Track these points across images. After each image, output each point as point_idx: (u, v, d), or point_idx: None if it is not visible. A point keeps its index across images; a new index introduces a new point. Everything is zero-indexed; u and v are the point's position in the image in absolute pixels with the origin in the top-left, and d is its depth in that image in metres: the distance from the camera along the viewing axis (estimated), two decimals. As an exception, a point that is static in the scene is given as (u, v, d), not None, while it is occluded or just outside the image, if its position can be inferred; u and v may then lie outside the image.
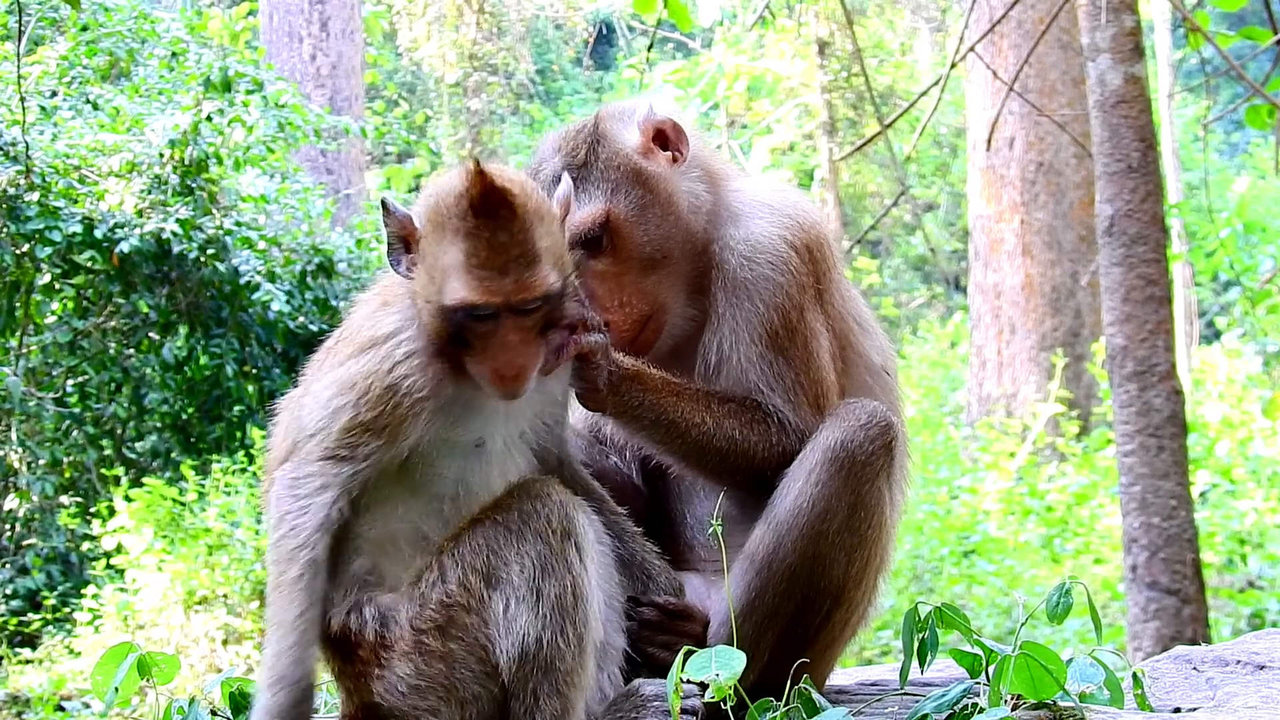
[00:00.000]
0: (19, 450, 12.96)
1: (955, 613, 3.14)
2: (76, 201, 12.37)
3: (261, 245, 12.98)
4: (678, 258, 3.43)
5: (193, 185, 12.69)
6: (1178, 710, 3.15)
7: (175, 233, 12.35)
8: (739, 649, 2.94)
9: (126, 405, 13.35)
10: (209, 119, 12.56)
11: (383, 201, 3.01)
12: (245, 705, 3.52)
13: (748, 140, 27.03)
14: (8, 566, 12.92)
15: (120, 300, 13.17)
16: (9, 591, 12.64)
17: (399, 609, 2.96)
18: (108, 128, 12.89)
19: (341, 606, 2.97)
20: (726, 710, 2.92)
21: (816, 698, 3.06)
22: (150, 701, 3.47)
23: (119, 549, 11.85)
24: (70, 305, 13.35)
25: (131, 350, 13.36)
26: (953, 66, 9.25)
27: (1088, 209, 15.51)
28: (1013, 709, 2.89)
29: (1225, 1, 8.89)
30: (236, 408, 13.20)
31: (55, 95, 13.48)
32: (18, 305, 12.75)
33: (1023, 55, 12.57)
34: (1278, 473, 13.83)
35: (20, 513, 13.13)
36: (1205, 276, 20.11)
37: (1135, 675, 3.15)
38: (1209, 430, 14.75)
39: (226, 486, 12.14)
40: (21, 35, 10.59)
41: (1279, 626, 9.95)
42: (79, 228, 12.20)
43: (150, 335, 13.24)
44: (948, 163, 29.74)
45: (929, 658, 3.15)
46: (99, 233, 12.29)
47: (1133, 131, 7.66)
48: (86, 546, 12.75)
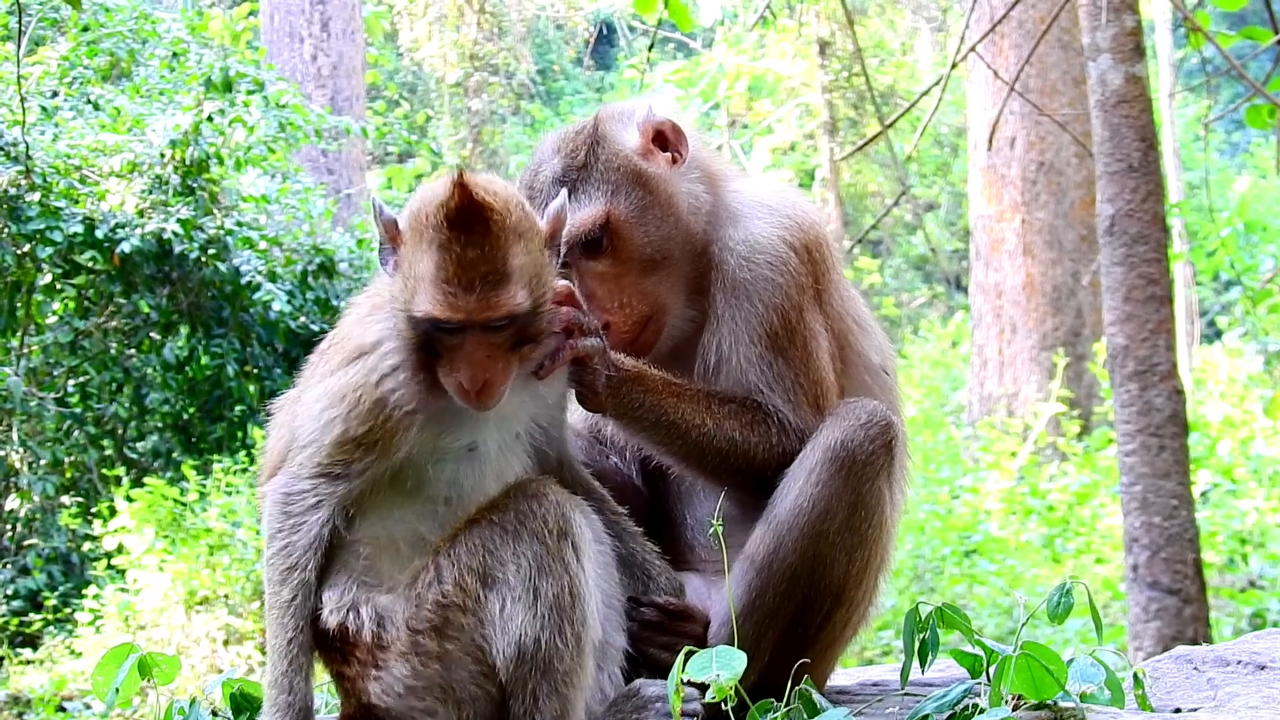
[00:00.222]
0: (20, 450, 12.96)
1: (956, 613, 3.14)
2: (78, 202, 12.38)
3: (262, 245, 12.98)
4: (677, 259, 3.43)
5: (194, 185, 12.69)
6: (1178, 710, 3.15)
7: (176, 233, 12.35)
8: (740, 649, 2.94)
9: (128, 405, 13.35)
10: (210, 119, 12.56)
11: (373, 202, 3.02)
12: (246, 706, 3.52)
13: (749, 140, 27.03)
14: (9, 567, 12.92)
15: (121, 300, 13.18)
16: (10, 592, 12.65)
17: (395, 610, 2.96)
18: (109, 128, 12.89)
19: (338, 607, 2.97)
20: (727, 711, 2.91)
21: (817, 698, 3.06)
22: (151, 702, 3.47)
23: (120, 549, 11.85)
24: (71, 305, 13.35)
25: (133, 350, 13.36)
26: (953, 66, 9.25)
27: (1089, 208, 15.50)
28: (1014, 709, 2.89)
29: (1226, 1, 8.88)
30: (238, 408, 13.20)
31: (56, 95, 13.48)
32: (19, 305, 12.75)
33: (1023, 55, 12.57)
34: (1279, 472, 13.82)
35: (21, 513, 13.13)
36: (1206, 276, 20.10)
37: (1136, 675, 3.15)
38: (1210, 430, 14.74)
39: (228, 486, 12.14)
40: (22, 35, 10.59)
41: (1280, 626, 9.95)
42: (80, 228, 12.20)
43: (151, 335, 13.24)
44: (949, 162, 29.74)
45: (930, 658, 3.15)
46: (100, 233, 12.29)
47: (1134, 131, 7.65)
48: (87, 547, 12.75)
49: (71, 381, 13.42)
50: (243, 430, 13.13)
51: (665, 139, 3.51)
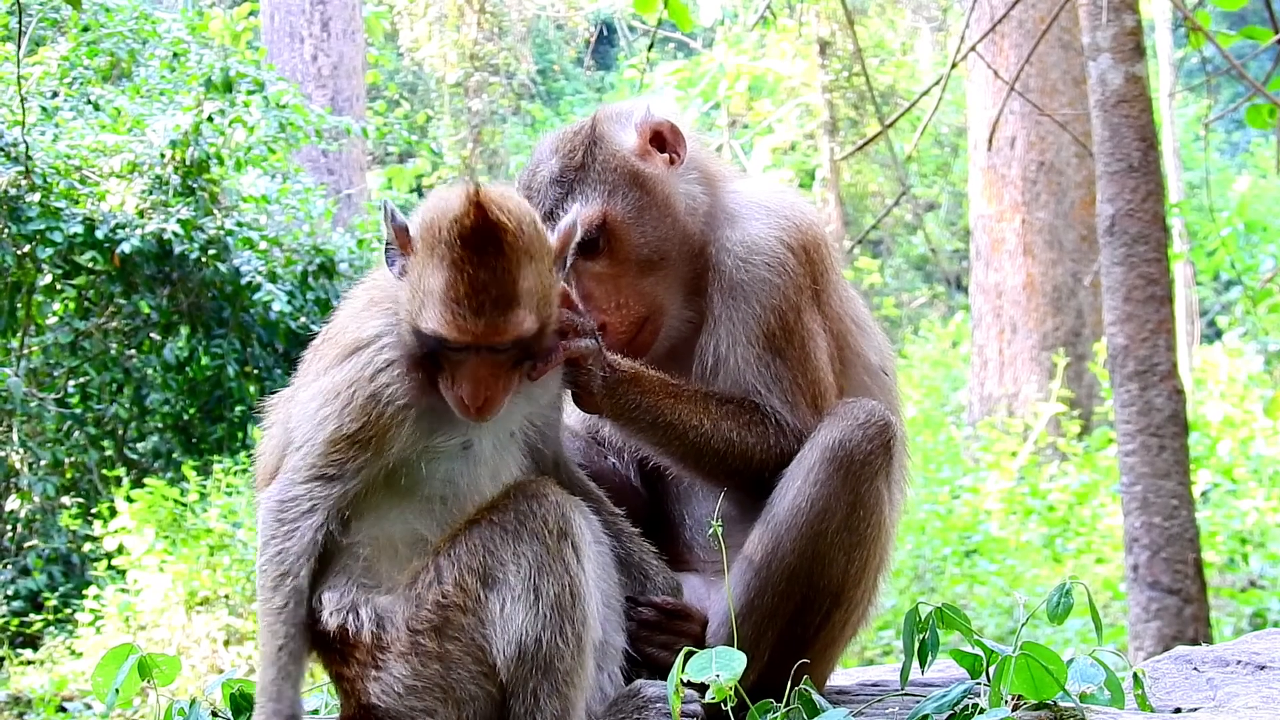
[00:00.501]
0: (20, 451, 12.96)
1: (956, 613, 3.14)
2: (78, 202, 12.38)
3: (263, 246, 12.98)
4: (675, 259, 3.43)
5: (194, 186, 12.69)
6: (1178, 710, 3.15)
7: (176, 233, 12.35)
8: (738, 649, 2.94)
9: (128, 406, 13.36)
10: (210, 119, 12.56)
11: (385, 205, 2.99)
12: (246, 706, 3.52)
13: (749, 140, 27.02)
14: (9, 567, 12.93)
15: (121, 301, 13.18)
16: (10, 592, 12.65)
17: (395, 610, 2.96)
18: (109, 128, 12.89)
19: (338, 608, 2.97)
20: (727, 711, 2.91)
21: (817, 698, 3.06)
22: (151, 702, 3.47)
23: (120, 550, 11.86)
24: (71, 306, 13.36)
25: (133, 351, 13.36)
26: (954, 66, 9.25)
27: (1089, 208, 15.50)
28: (1013, 709, 2.89)
29: (1226, 1, 8.88)
30: (238, 408, 13.20)
31: (56, 96, 13.48)
32: (19, 306, 12.75)
33: (1024, 55, 12.57)
34: (1279, 472, 13.82)
35: (22, 514, 13.14)
36: (1206, 276, 20.10)
37: (1136, 675, 3.15)
38: (1210, 430, 14.74)
39: (228, 487, 12.15)
40: (22, 36, 10.59)
41: (1280, 626, 9.95)
42: (80, 228, 12.20)
43: (151, 336, 13.25)
44: (949, 162, 29.73)
45: (930, 658, 3.15)
46: (100, 233, 12.29)
47: (1134, 131, 7.65)
48: (88, 547, 12.75)
49: (72, 382, 13.42)
50: (243, 431, 13.13)
51: (663, 139, 3.51)
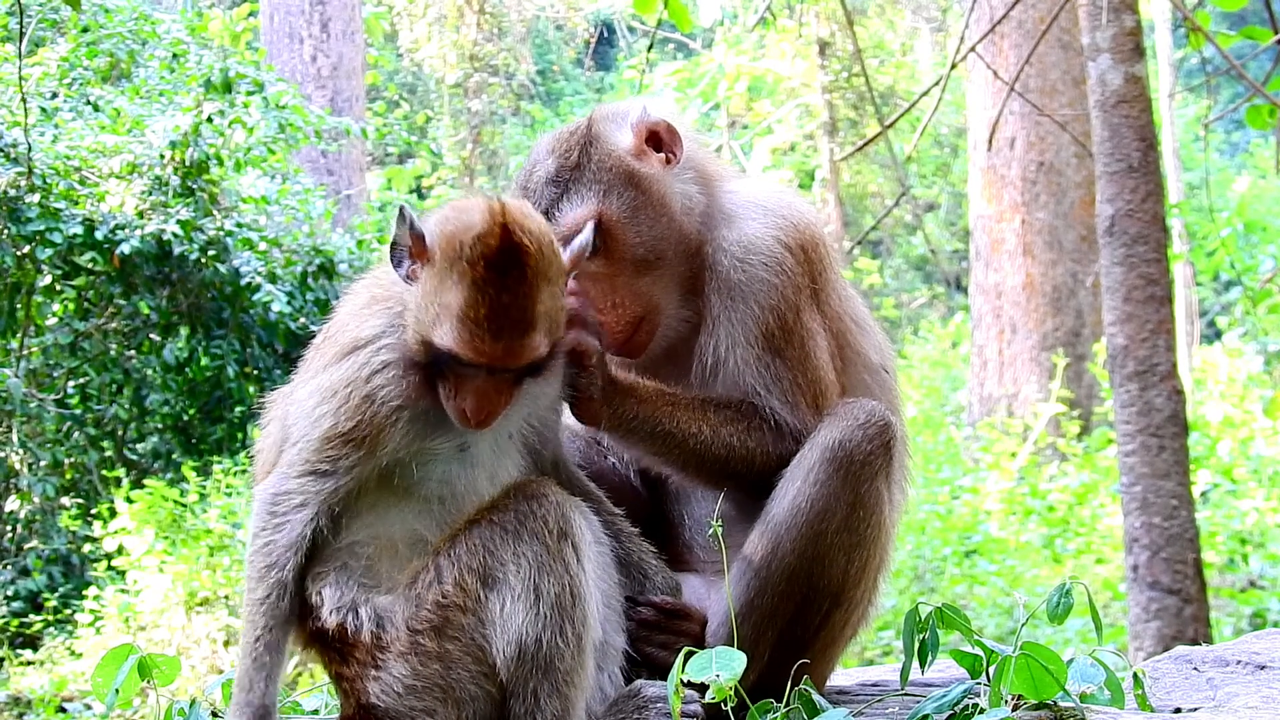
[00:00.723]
0: (20, 452, 12.96)
1: (956, 613, 3.14)
2: (77, 203, 12.38)
3: (262, 246, 12.98)
4: (671, 259, 3.42)
5: (193, 186, 12.69)
6: (1178, 710, 3.15)
7: (176, 234, 12.35)
8: (738, 649, 2.94)
9: (127, 406, 13.35)
10: (209, 120, 12.56)
11: (401, 209, 2.97)
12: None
13: (748, 141, 27.03)
14: (9, 568, 12.93)
15: (121, 302, 13.18)
16: (10, 593, 12.65)
17: (395, 610, 2.96)
18: (108, 129, 12.89)
19: (338, 607, 2.97)
20: (727, 711, 2.92)
21: (817, 698, 3.06)
22: (151, 703, 3.46)
23: (120, 550, 11.86)
24: (71, 307, 13.35)
25: (132, 352, 13.36)
26: (953, 67, 9.25)
27: (1089, 209, 15.50)
28: (1013, 709, 2.89)
29: (1226, 1, 8.88)
30: (238, 409, 13.20)
31: (56, 96, 13.48)
32: (19, 307, 12.75)
33: (1023, 55, 12.57)
34: (1279, 472, 13.82)
35: (21, 514, 13.14)
36: (1206, 276, 20.10)
37: (1136, 675, 3.15)
38: (1210, 430, 14.74)
39: (228, 488, 12.15)
40: (23, 36, 10.58)
41: (1280, 626, 9.95)
42: (80, 229, 12.20)
43: (151, 336, 13.24)
44: (948, 163, 29.73)
45: (930, 658, 3.15)
46: (100, 234, 12.29)
47: (1133, 131, 7.65)
48: (88, 548, 12.76)
49: (71, 383, 13.42)
50: (243, 431, 13.13)
51: (659, 139, 3.50)
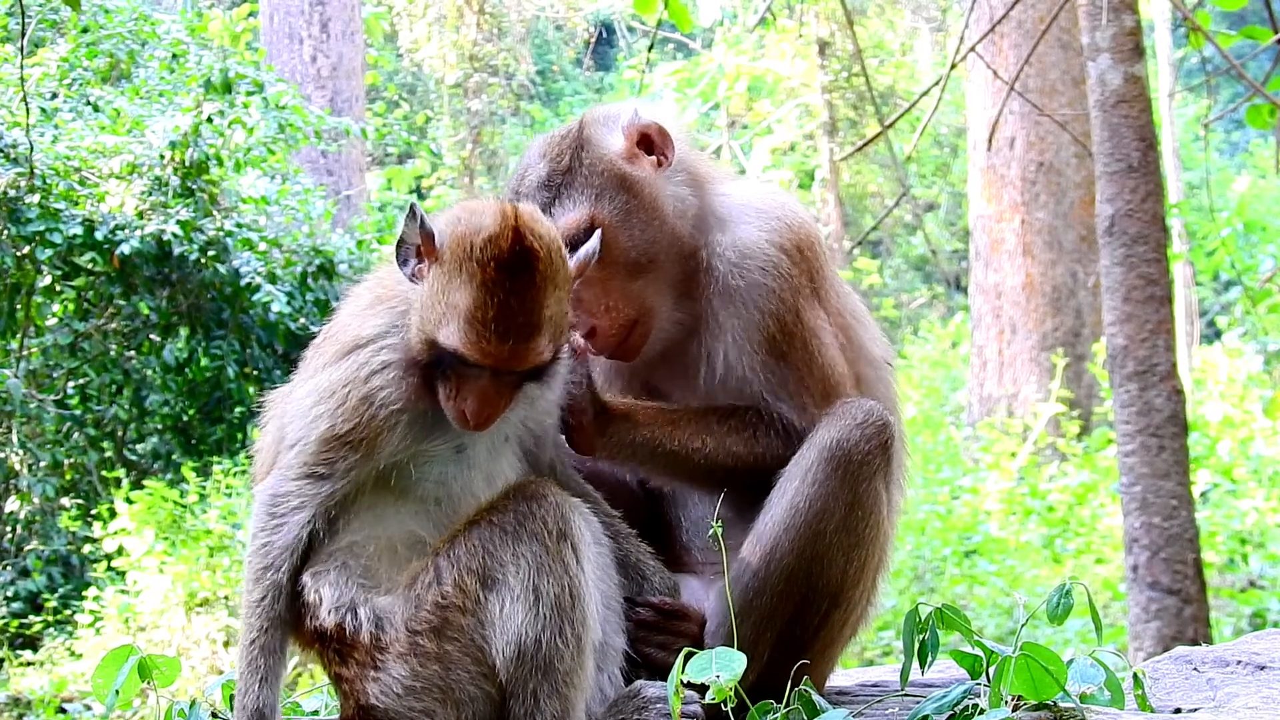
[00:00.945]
0: (20, 452, 12.97)
1: (956, 613, 3.14)
2: (77, 203, 12.38)
3: (262, 247, 12.98)
4: (664, 262, 3.42)
5: (193, 187, 12.69)
6: (1178, 711, 3.15)
7: (176, 234, 12.35)
8: (737, 650, 2.94)
9: (127, 407, 13.35)
10: (209, 120, 12.56)
11: (412, 207, 2.98)
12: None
13: (748, 141, 27.05)
14: (9, 569, 12.93)
15: (121, 302, 13.18)
16: (10, 594, 12.65)
17: (394, 611, 2.96)
18: (108, 129, 12.89)
19: (336, 607, 2.97)
20: (727, 712, 2.92)
21: (817, 699, 3.06)
22: (151, 704, 3.46)
23: (120, 551, 11.86)
24: (71, 307, 13.36)
25: (132, 352, 13.36)
26: (953, 67, 9.25)
27: (1088, 209, 15.50)
28: (1013, 710, 2.89)
29: (1226, 1, 8.88)
30: (237, 409, 13.20)
31: (56, 97, 13.48)
32: (19, 307, 12.75)
33: (1023, 55, 12.57)
34: (1279, 472, 13.82)
35: (21, 515, 13.14)
36: (1206, 276, 20.11)
37: (1136, 676, 3.15)
38: (1210, 430, 14.74)
39: (227, 488, 12.15)
40: (23, 36, 10.58)
41: (1280, 626, 9.95)
42: (80, 230, 12.20)
43: (151, 337, 13.24)
44: (948, 163, 29.73)
45: (930, 659, 3.15)
46: (100, 235, 12.29)
47: (1133, 131, 7.65)
48: (87, 549, 12.75)
49: (71, 383, 13.42)
50: (243, 432, 13.13)
51: (651, 142, 3.49)
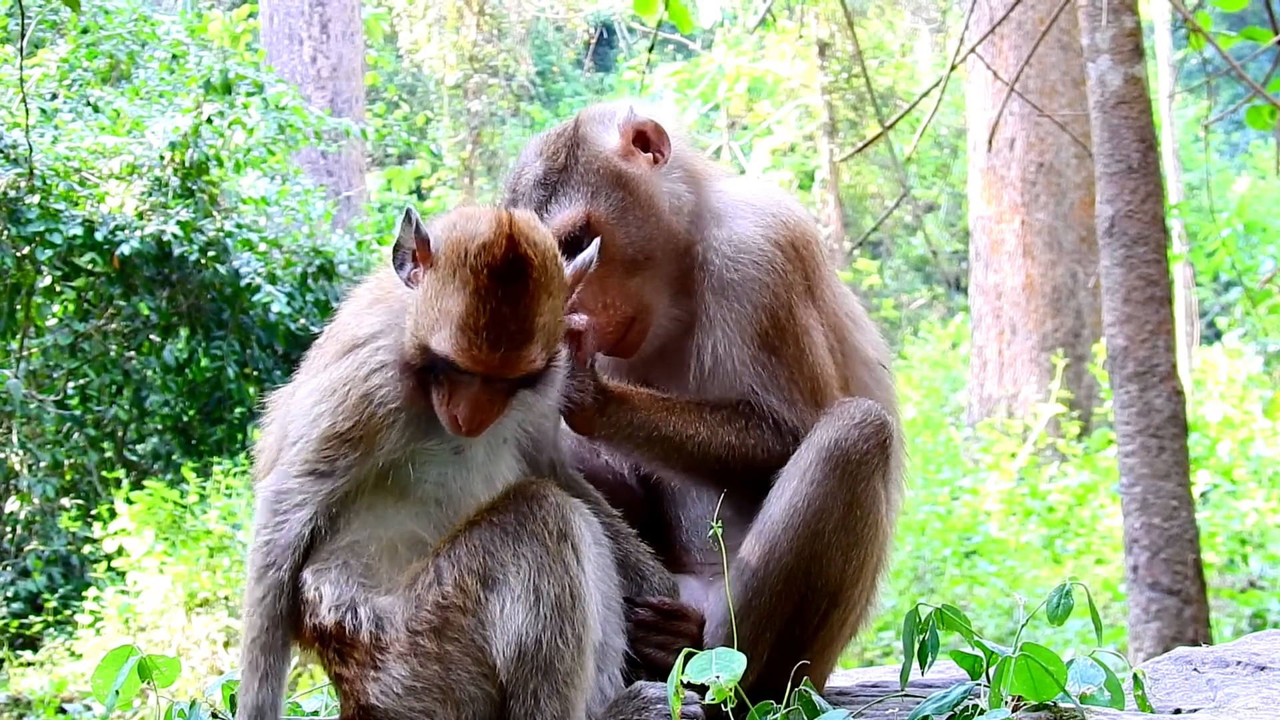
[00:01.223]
0: (20, 453, 12.97)
1: (956, 614, 3.14)
2: (77, 204, 12.38)
3: (262, 247, 12.98)
4: (660, 259, 3.42)
5: (193, 187, 12.69)
6: (1178, 711, 3.15)
7: (176, 235, 12.35)
8: (737, 650, 2.94)
9: (127, 407, 13.36)
10: (209, 121, 12.56)
11: (408, 212, 2.98)
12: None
13: (748, 141, 27.05)
14: (9, 569, 12.93)
15: (121, 303, 13.18)
16: (10, 594, 12.65)
17: (395, 611, 2.96)
18: (108, 130, 12.89)
19: (336, 606, 2.98)
20: (727, 712, 2.92)
21: (817, 699, 3.06)
22: (151, 704, 3.47)
23: (120, 551, 11.86)
24: (71, 308, 13.36)
25: (132, 353, 13.36)
26: (953, 68, 9.25)
27: (1088, 209, 15.50)
28: (1013, 710, 2.89)
29: (1226, 2, 8.88)
30: (238, 410, 13.20)
31: (56, 98, 13.49)
32: (18, 308, 12.75)
33: (1023, 56, 12.57)
34: (1279, 473, 13.82)
35: (21, 515, 13.14)
36: (1206, 277, 20.10)
37: (1136, 676, 3.15)
38: (1210, 430, 14.74)
39: (227, 489, 12.15)
40: (23, 37, 10.59)
41: (1280, 627, 9.94)
42: (80, 230, 12.20)
43: (151, 337, 13.25)
44: (948, 164, 29.74)
45: (930, 659, 3.15)
46: (100, 235, 12.29)
47: (1133, 132, 7.65)
48: (88, 549, 12.75)
49: (71, 384, 13.42)
50: (243, 432, 13.13)
51: (646, 139, 3.50)
